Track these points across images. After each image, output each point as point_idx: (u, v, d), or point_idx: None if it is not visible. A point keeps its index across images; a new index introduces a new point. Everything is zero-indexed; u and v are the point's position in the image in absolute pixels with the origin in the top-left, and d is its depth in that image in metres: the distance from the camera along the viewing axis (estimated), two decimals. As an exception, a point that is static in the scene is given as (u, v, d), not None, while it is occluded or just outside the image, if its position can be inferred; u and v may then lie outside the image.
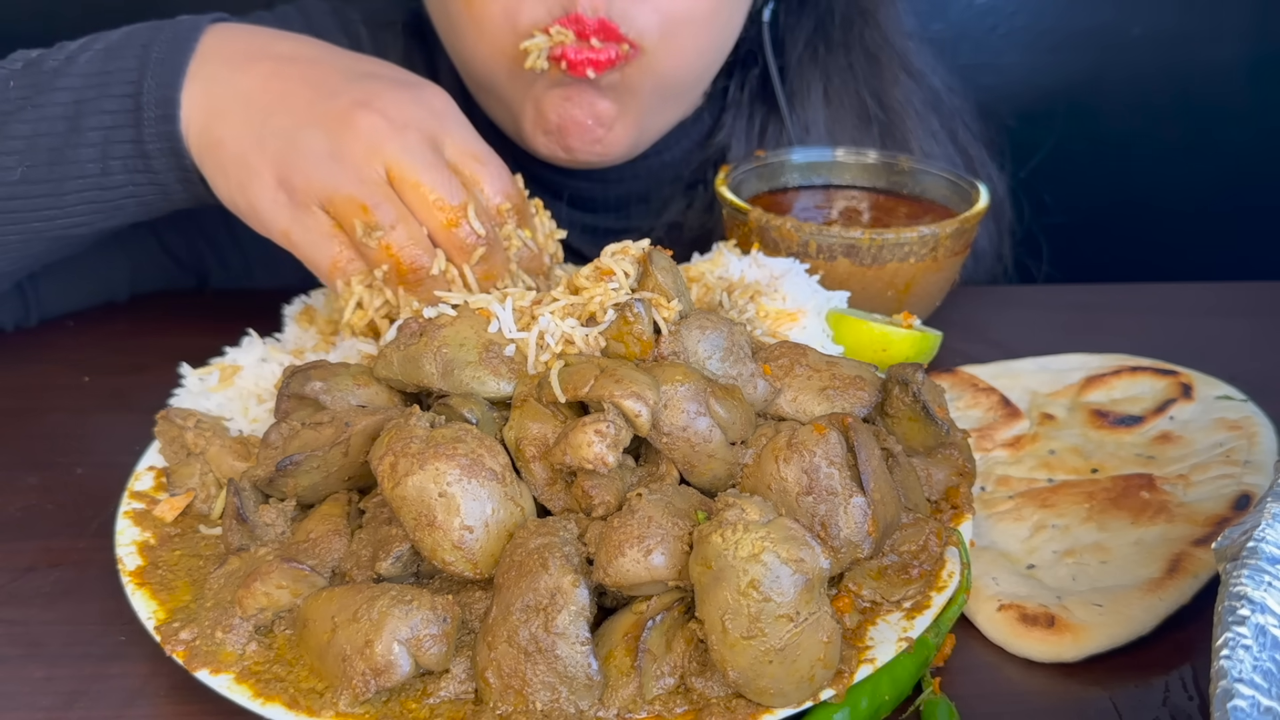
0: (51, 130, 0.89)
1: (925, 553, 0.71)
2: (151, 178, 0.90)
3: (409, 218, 0.83)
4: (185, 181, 0.90)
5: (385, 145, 0.83)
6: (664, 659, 0.64)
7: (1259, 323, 1.16)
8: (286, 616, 0.68)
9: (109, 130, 0.88)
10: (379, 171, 0.83)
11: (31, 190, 0.90)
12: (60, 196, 0.90)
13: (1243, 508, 0.80)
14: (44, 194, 0.90)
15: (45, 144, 0.89)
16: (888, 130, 1.25)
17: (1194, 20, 1.71)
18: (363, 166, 0.82)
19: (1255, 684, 0.54)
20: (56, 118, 0.89)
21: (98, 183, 0.90)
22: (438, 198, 0.83)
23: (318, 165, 0.83)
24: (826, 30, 1.25)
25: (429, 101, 0.87)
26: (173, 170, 0.90)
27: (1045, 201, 1.42)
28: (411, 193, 0.83)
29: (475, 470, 0.67)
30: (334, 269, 0.84)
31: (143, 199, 0.92)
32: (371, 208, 0.82)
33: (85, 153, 0.89)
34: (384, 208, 0.82)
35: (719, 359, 0.76)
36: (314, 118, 0.84)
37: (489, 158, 0.88)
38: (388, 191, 0.83)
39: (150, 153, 0.89)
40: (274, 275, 1.30)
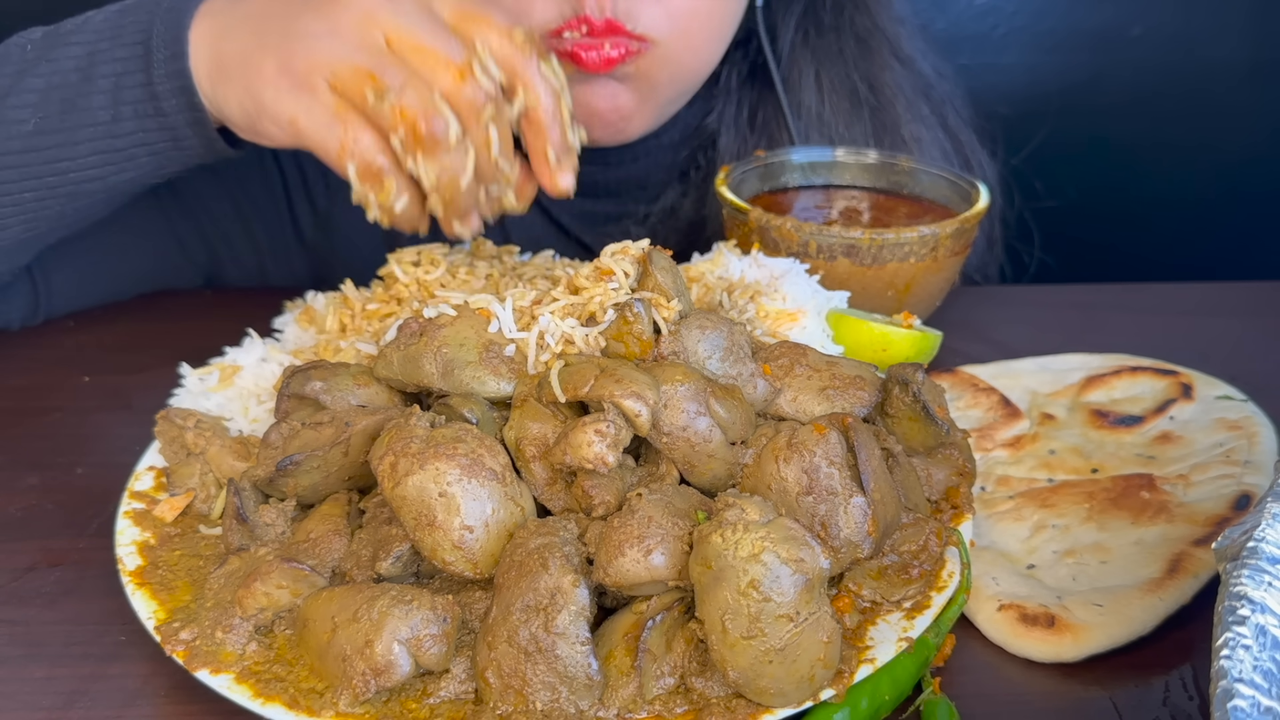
0: (64, 82, 0.89)
1: (925, 553, 0.71)
2: (161, 121, 0.90)
3: (417, 79, 0.81)
4: (196, 124, 0.90)
5: (379, 13, 0.81)
6: (664, 659, 0.64)
7: (1259, 323, 1.16)
8: (286, 616, 0.68)
9: (119, 76, 0.89)
10: (378, 38, 0.81)
11: (45, 141, 0.90)
12: (73, 146, 0.90)
13: (1243, 508, 0.80)
14: (57, 144, 0.90)
15: (58, 95, 0.89)
16: (878, 115, 1.25)
17: (1194, 20, 1.71)
18: (361, 35, 0.81)
19: (1255, 684, 0.54)
20: (69, 70, 0.89)
21: (109, 130, 0.90)
22: (440, 56, 0.81)
23: (316, 43, 0.81)
24: (817, 14, 1.26)
25: None
26: (183, 111, 0.89)
27: (1038, 190, 1.43)
28: (414, 56, 0.81)
29: (475, 470, 0.67)
30: (343, 151, 0.81)
31: (153, 147, 0.92)
32: (377, 72, 0.80)
33: (96, 99, 0.89)
34: (390, 71, 0.80)
35: (719, 359, 0.76)
36: (308, 6, 0.83)
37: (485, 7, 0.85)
38: (392, 57, 0.81)
39: (160, 94, 0.88)
40: (287, 269, 1.30)
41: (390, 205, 0.82)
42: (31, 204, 0.94)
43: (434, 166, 0.81)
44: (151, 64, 0.88)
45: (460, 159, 0.81)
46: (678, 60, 1.10)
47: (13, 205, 0.93)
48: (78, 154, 0.91)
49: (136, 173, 0.93)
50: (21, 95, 0.89)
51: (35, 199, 0.93)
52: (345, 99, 0.81)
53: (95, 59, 0.89)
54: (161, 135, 0.91)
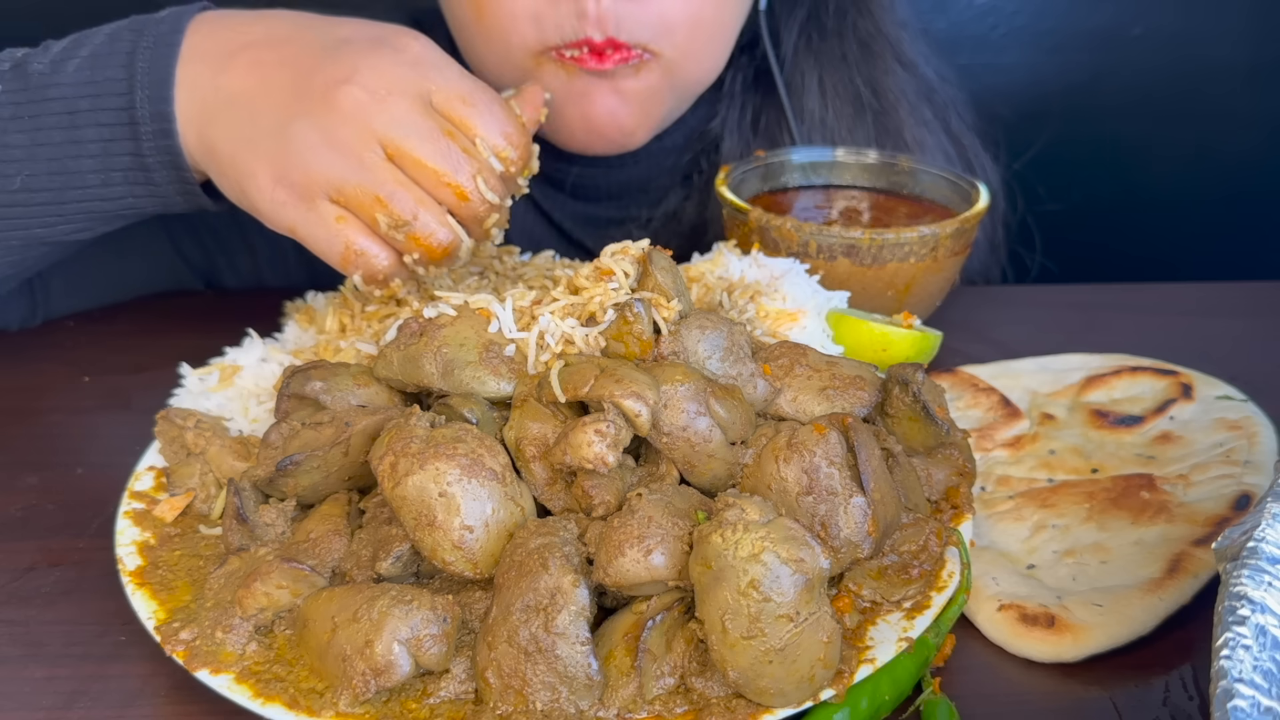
0: (49, 140, 0.88)
1: (925, 553, 0.71)
2: (152, 190, 0.90)
3: (427, 200, 0.82)
4: (185, 194, 0.90)
5: (374, 122, 0.80)
6: (664, 659, 0.64)
7: (1259, 323, 1.16)
8: (286, 616, 0.68)
9: (107, 143, 0.88)
10: (377, 152, 0.81)
11: (32, 198, 0.89)
12: (61, 205, 0.90)
13: (1243, 508, 0.80)
14: (45, 202, 0.90)
15: (44, 154, 0.88)
16: (881, 120, 1.25)
17: (1194, 21, 1.71)
18: (360, 150, 0.80)
19: (1255, 684, 0.54)
20: (52, 128, 0.88)
21: (99, 194, 0.89)
22: (442, 173, 0.82)
23: (314, 157, 0.81)
24: (820, 19, 1.26)
25: (406, 52, 0.84)
26: (173, 182, 0.89)
27: (1040, 194, 1.43)
28: (414, 169, 0.81)
29: (475, 470, 0.67)
30: (345, 260, 0.83)
31: (142, 210, 0.92)
32: (388, 199, 0.80)
33: (86, 164, 0.88)
34: (400, 197, 0.80)
35: (719, 359, 0.76)
36: (298, 107, 0.82)
37: (477, 96, 0.85)
38: (396, 175, 0.81)
39: (150, 165, 0.88)
40: (284, 276, 1.30)
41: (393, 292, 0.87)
42: (18, 249, 0.95)
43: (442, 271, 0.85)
44: (139, 135, 0.87)
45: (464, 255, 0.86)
46: (680, 72, 1.10)
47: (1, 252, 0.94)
48: (67, 212, 0.91)
49: (124, 224, 0.95)
50: (5, 150, 0.88)
51: (22, 245, 0.94)
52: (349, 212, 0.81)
53: (78, 121, 0.87)
54: (151, 201, 0.91)
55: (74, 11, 0.95)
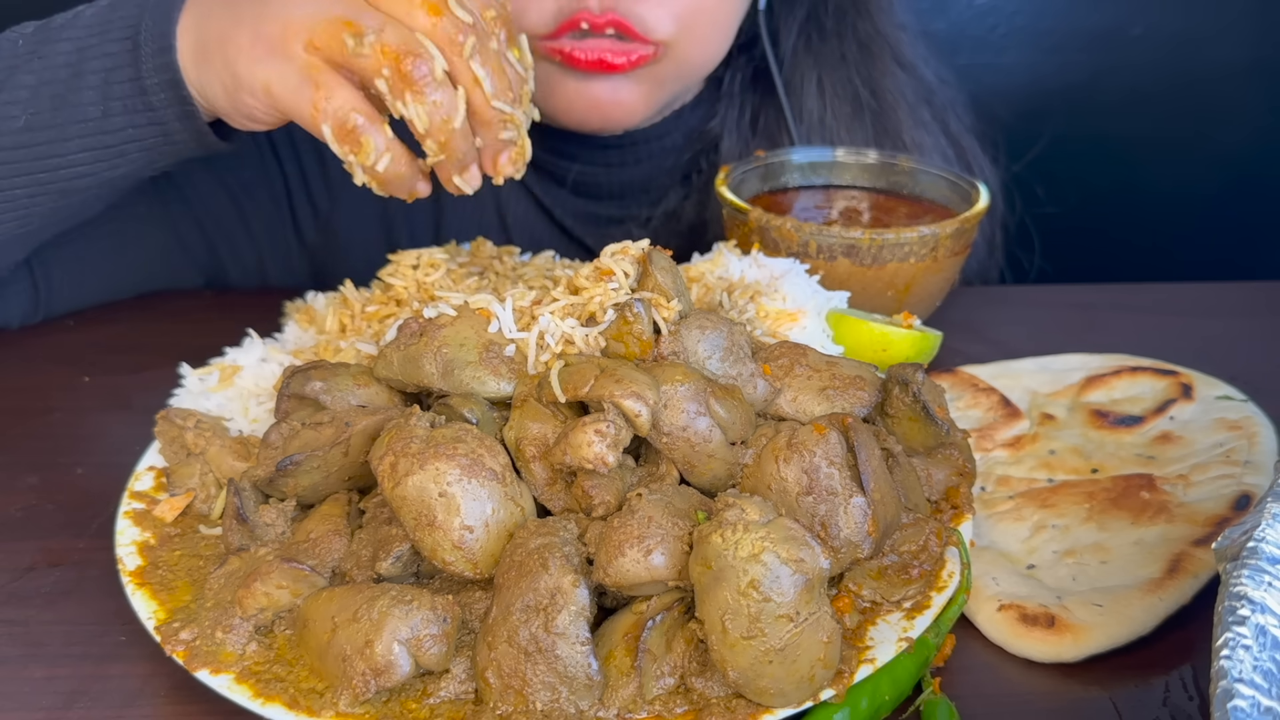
0: (54, 78, 0.88)
1: (925, 553, 0.71)
2: (151, 116, 0.88)
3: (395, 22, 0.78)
4: (185, 117, 0.88)
5: None
6: (664, 659, 0.64)
7: (1259, 323, 1.16)
8: (286, 616, 0.68)
9: (109, 71, 0.87)
10: None
11: (35, 138, 0.89)
12: (64, 143, 0.89)
13: (1243, 508, 0.80)
14: (47, 140, 0.89)
15: (48, 91, 0.88)
16: (880, 120, 1.26)
17: (1194, 21, 1.72)
18: None
19: (1255, 684, 0.54)
20: (59, 65, 0.88)
21: (99, 126, 0.89)
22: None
23: (289, 8, 0.79)
24: (819, 19, 1.26)
25: None
26: (172, 105, 0.88)
27: (1039, 196, 1.43)
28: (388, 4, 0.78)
29: (475, 470, 0.67)
30: (316, 111, 0.78)
31: (144, 142, 0.90)
32: (354, 18, 0.77)
33: (86, 95, 0.88)
34: (367, 15, 0.77)
35: (719, 359, 0.76)
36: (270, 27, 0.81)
37: None
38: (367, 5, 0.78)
39: (149, 88, 0.87)
40: (288, 272, 1.30)
41: (372, 166, 0.79)
42: (24, 200, 0.93)
43: (424, 107, 0.77)
44: (140, 58, 0.87)
45: (450, 98, 0.78)
46: (685, 59, 1.11)
47: (5, 201, 0.93)
48: (68, 150, 0.90)
49: (128, 168, 0.93)
50: (12, 92, 0.89)
51: (27, 195, 0.93)
52: (322, 55, 0.78)
53: (85, 55, 0.88)
54: (152, 130, 0.90)
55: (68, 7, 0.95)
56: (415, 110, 0.77)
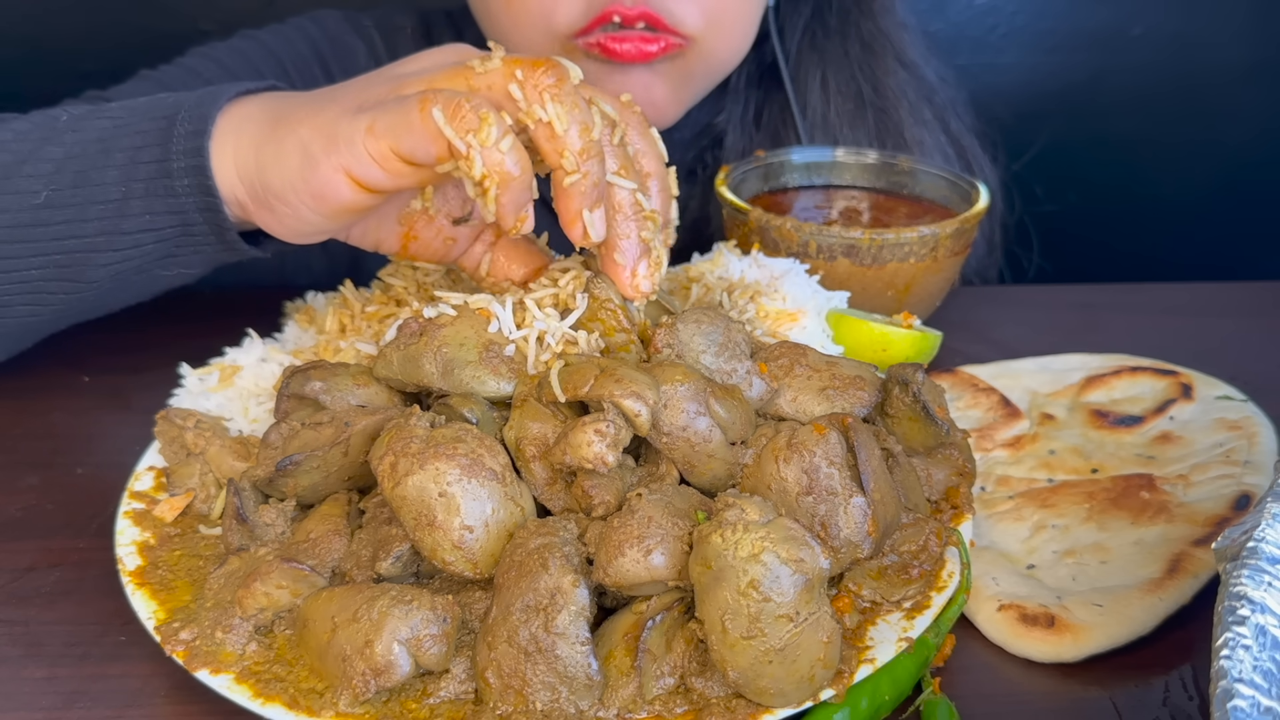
0: (83, 153, 0.84)
1: (925, 553, 0.71)
2: (171, 203, 0.83)
3: None
4: (206, 209, 0.82)
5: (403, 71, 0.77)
6: (664, 659, 0.64)
7: (1259, 323, 1.16)
8: (286, 616, 0.68)
9: (136, 150, 0.83)
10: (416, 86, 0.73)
11: (54, 216, 0.84)
12: (82, 224, 0.84)
13: (1243, 508, 0.80)
14: (65, 220, 0.84)
15: (73, 166, 0.84)
16: (882, 118, 1.26)
17: (1194, 21, 1.72)
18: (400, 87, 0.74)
19: (1255, 684, 0.54)
20: (90, 140, 0.84)
21: (118, 209, 0.83)
22: None
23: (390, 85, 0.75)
24: (824, 18, 1.27)
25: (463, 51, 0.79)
26: (193, 193, 0.82)
27: (1038, 194, 1.43)
28: None
29: (475, 470, 0.66)
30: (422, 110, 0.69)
31: (160, 233, 0.84)
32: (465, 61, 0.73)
33: (110, 174, 0.83)
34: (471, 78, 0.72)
35: (713, 353, 0.76)
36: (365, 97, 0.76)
37: None
38: None
39: (173, 171, 0.81)
40: (306, 271, 1.30)
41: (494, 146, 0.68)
42: (38, 282, 0.88)
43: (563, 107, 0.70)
44: (171, 138, 0.81)
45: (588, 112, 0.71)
46: (712, 53, 1.12)
47: (19, 283, 0.87)
48: (85, 232, 0.84)
49: (142, 260, 0.86)
50: (37, 164, 0.84)
51: (42, 278, 0.87)
52: None
53: (119, 131, 0.84)
54: (170, 219, 0.84)
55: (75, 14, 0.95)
56: (555, 110, 0.70)
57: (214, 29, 1.06)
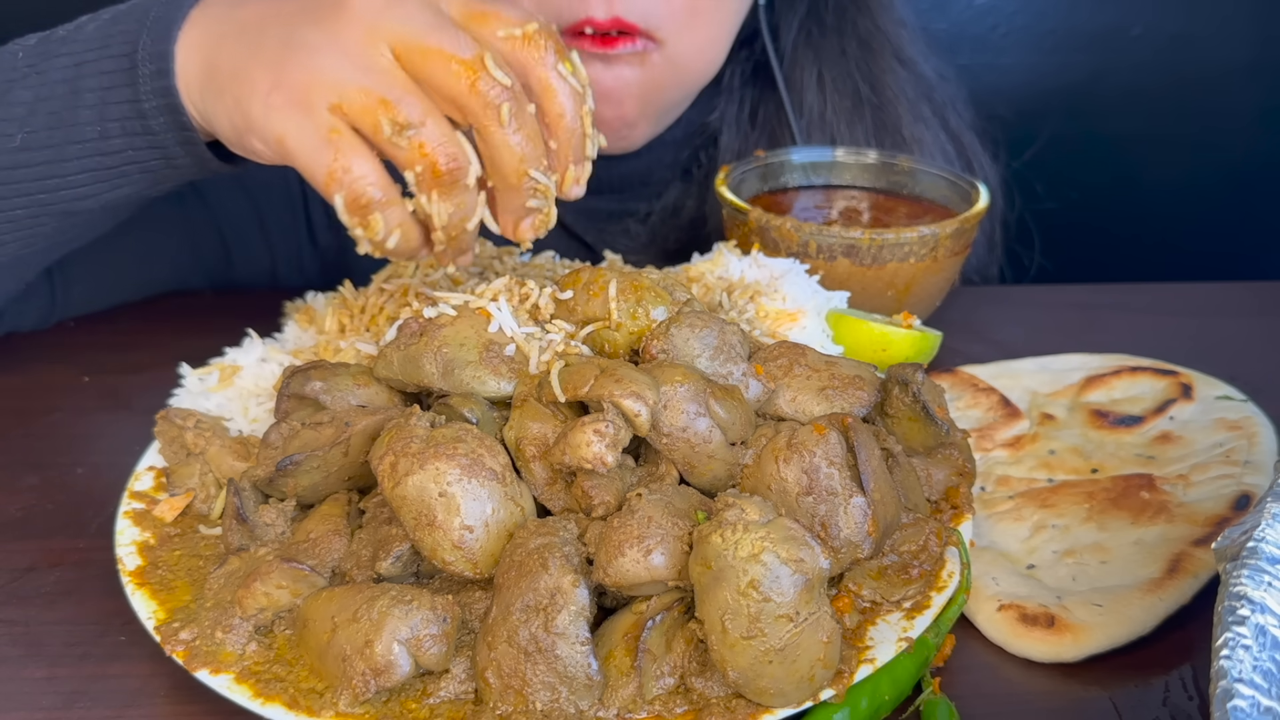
0: (52, 94, 0.84)
1: (925, 553, 0.71)
2: (150, 140, 0.84)
3: (436, 112, 0.73)
4: (185, 143, 0.84)
5: (383, 22, 0.73)
6: (664, 659, 0.64)
7: (1259, 323, 1.16)
8: (286, 616, 0.68)
9: (105, 91, 0.83)
10: (386, 55, 0.73)
11: (33, 158, 0.86)
12: (62, 164, 0.86)
13: (1243, 508, 0.80)
14: (45, 160, 0.86)
15: (45, 109, 0.84)
16: (880, 116, 1.26)
17: (1194, 21, 1.72)
18: (367, 51, 0.73)
19: (1255, 684, 0.54)
20: (57, 82, 0.84)
21: (97, 147, 0.85)
22: (448, 55, 0.72)
23: (317, 59, 0.73)
24: (819, 15, 1.27)
25: None
26: (171, 130, 0.83)
27: (1039, 193, 1.43)
28: (422, 61, 0.73)
29: (475, 470, 0.66)
30: (331, 178, 0.73)
31: (145, 164, 0.86)
32: (395, 102, 0.72)
33: (83, 114, 0.83)
34: (408, 101, 0.72)
35: (708, 357, 0.76)
36: (308, 17, 0.75)
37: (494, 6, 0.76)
38: (405, 80, 0.73)
39: (147, 111, 0.82)
40: (298, 273, 1.30)
41: (381, 242, 0.75)
42: (26, 220, 0.90)
43: (448, 206, 0.74)
44: (137, 79, 0.82)
45: (473, 201, 0.75)
46: (682, 63, 1.11)
47: (6, 221, 0.89)
48: (67, 170, 0.86)
49: (131, 189, 0.89)
50: (8, 109, 0.85)
51: (29, 215, 0.89)
52: (348, 121, 0.73)
53: (82, 71, 0.84)
54: (152, 153, 0.86)
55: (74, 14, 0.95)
56: (438, 207, 0.74)
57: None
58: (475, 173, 0.74)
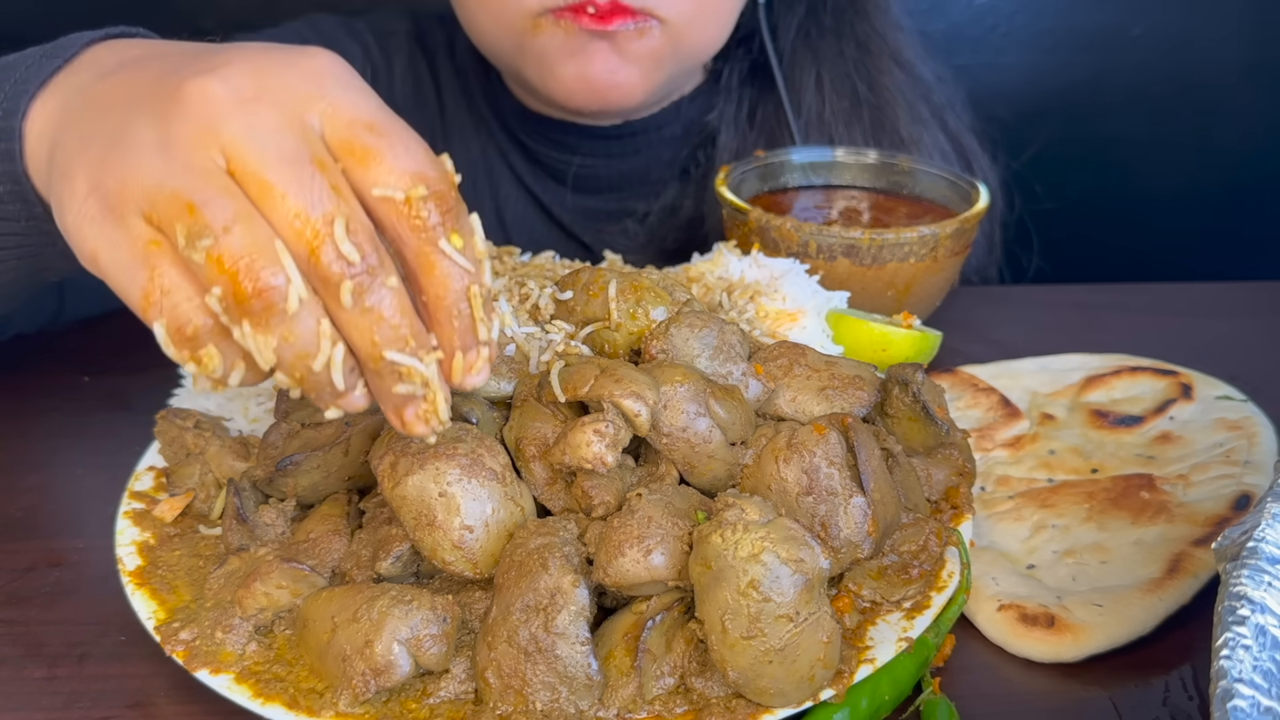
0: None
1: (925, 553, 0.71)
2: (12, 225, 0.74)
3: (253, 217, 0.56)
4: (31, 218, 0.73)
5: (223, 124, 0.57)
6: (664, 659, 0.64)
7: (1259, 323, 1.16)
8: (286, 616, 0.68)
9: None
10: (213, 159, 0.57)
11: None
12: None
13: (1243, 508, 0.80)
14: None
15: None
16: (878, 116, 1.26)
17: (1194, 21, 1.72)
18: (194, 152, 0.57)
19: (1255, 684, 0.54)
20: None
21: None
22: (292, 207, 0.56)
23: (139, 157, 0.58)
24: (818, 17, 1.27)
25: (302, 64, 0.60)
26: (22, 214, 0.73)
27: (1038, 193, 1.43)
28: (258, 194, 0.56)
29: (475, 470, 0.66)
30: (147, 299, 0.57)
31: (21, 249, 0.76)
32: (200, 205, 0.55)
33: None
34: (217, 203, 0.55)
35: (708, 357, 0.76)
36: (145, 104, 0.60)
37: (390, 126, 0.59)
38: (225, 183, 0.56)
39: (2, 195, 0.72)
40: None
41: (220, 379, 0.58)
42: None
43: (268, 340, 0.56)
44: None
45: (308, 333, 0.56)
46: (684, 39, 1.12)
47: None
48: None
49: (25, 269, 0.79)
50: None
51: None
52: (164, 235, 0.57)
53: None
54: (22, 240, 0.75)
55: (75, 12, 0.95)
56: (255, 344, 0.56)
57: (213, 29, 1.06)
58: (298, 292, 0.55)
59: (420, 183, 0.57)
